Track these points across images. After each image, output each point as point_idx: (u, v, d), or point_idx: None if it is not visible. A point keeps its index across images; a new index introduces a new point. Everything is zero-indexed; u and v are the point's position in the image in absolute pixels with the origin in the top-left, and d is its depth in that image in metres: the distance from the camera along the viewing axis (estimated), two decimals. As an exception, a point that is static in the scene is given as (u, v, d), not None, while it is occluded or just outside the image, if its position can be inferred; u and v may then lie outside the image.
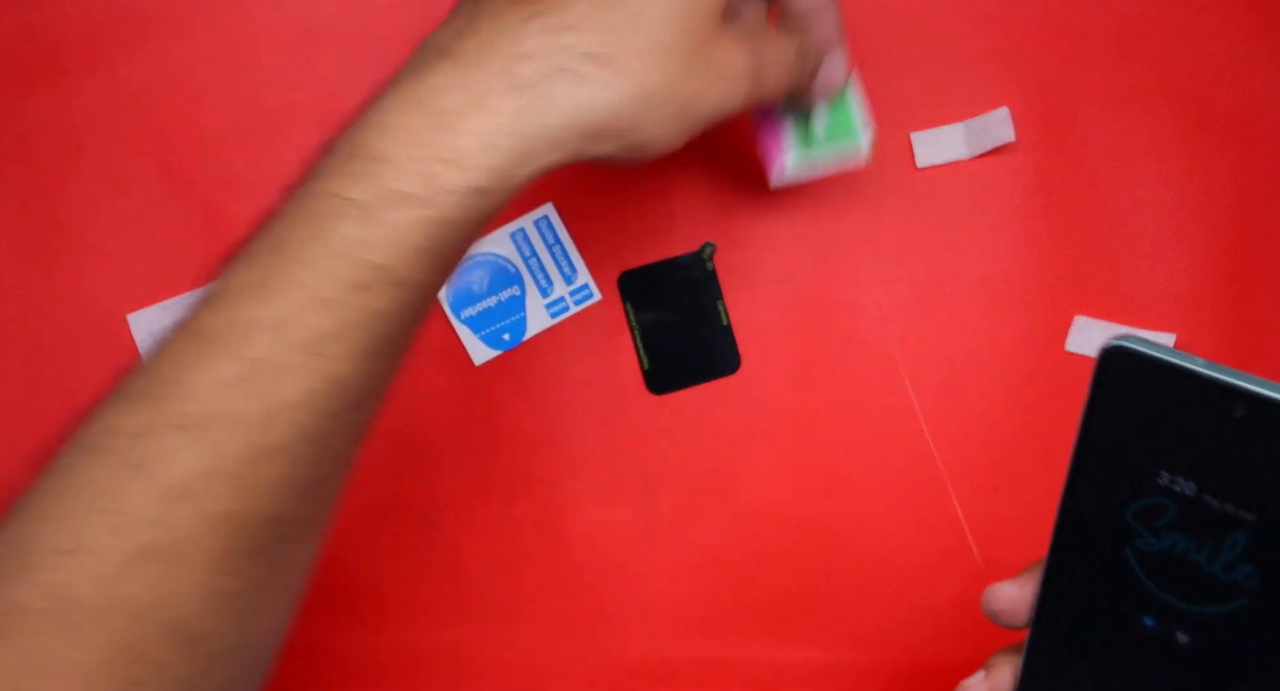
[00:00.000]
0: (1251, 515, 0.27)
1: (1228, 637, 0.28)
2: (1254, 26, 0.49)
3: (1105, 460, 0.29)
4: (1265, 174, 0.49)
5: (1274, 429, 0.26)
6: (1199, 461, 0.28)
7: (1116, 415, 0.29)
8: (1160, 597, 0.29)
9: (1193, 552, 0.28)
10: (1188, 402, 0.27)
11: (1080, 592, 0.30)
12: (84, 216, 0.50)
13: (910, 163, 0.49)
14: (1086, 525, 0.30)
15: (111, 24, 0.49)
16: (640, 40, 0.32)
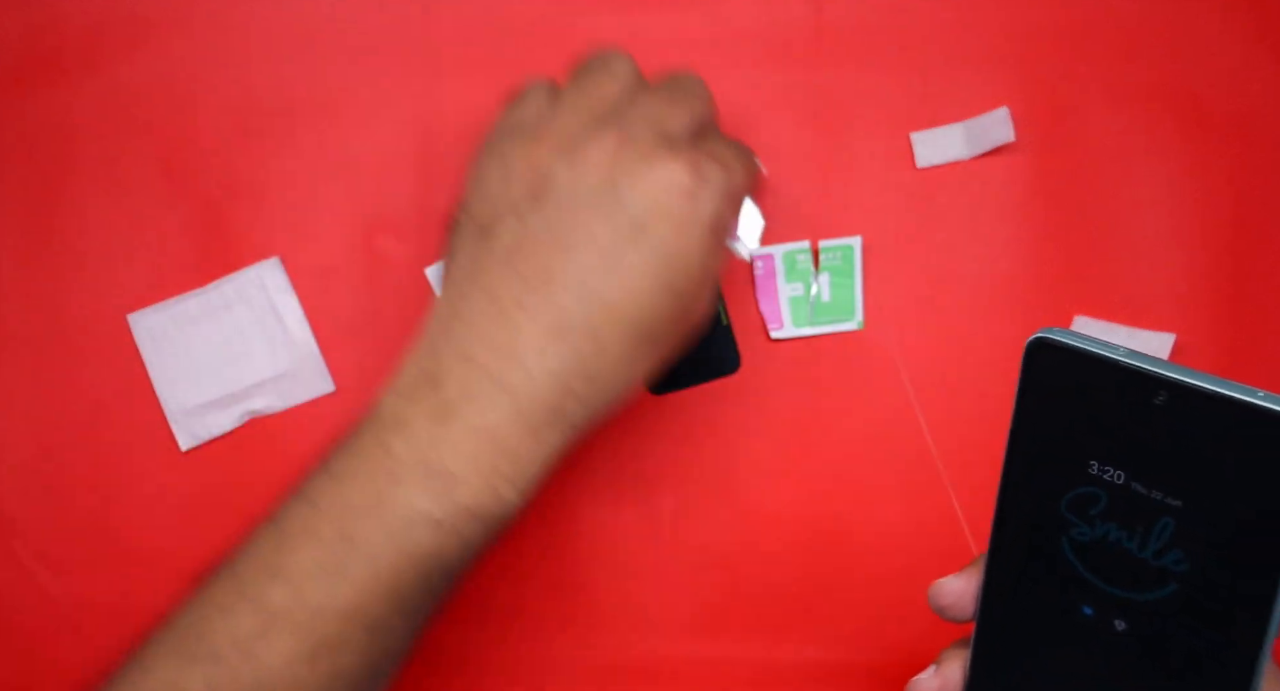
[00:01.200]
0: (1178, 502, 0.28)
1: (1163, 623, 0.29)
2: (1254, 27, 0.49)
3: (1038, 452, 0.30)
4: (1265, 174, 0.49)
5: (1194, 417, 0.27)
6: (1126, 450, 0.28)
7: (1046, 407, 0.29)
8: (1097, 586, 0.30)
9: (1124, 540, 0.29)
10: (1112, 392, 0.28)
11: (1020, 583, 0.31)
12: (84, 216, 0.50)
13: (910, 163, 0.49)
14: (1023, 517, 0.30)
15: (111, 24, 0.49)
16: (652, 360, 0.40)
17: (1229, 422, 0.27)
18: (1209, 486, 0.27)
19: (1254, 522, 0.27)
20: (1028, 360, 0.29)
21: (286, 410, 0.50)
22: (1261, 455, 0.27)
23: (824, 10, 0.49)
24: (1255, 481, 0.27)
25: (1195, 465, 0.27)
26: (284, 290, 0.49)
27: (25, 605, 0.50)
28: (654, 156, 0.38)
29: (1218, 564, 0.28)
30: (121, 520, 0.50)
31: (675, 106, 0.40)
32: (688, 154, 0.38)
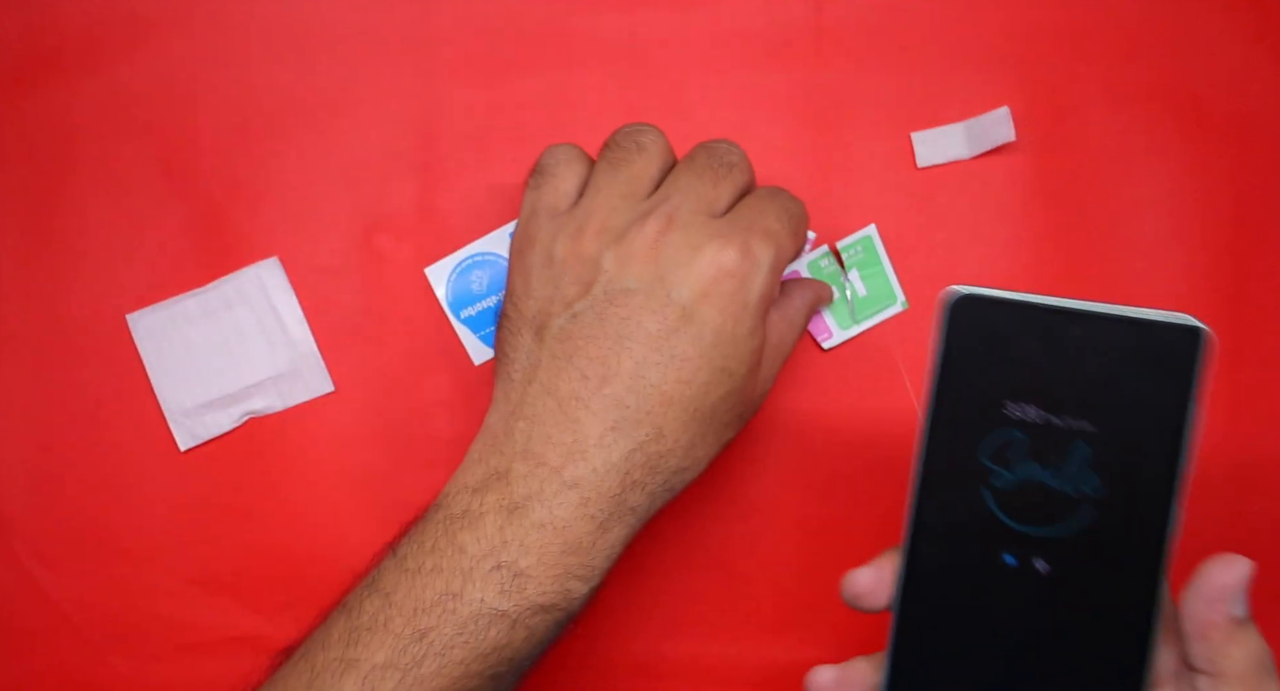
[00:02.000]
0: (1092, 425, 0.30)
1: (1084, 553, 0.31)
2: (1254, 27, 0.49)
3: (954, 405, 0.31)
4: (1265, 174, 0.49)
5: (1104, 343, 0.30)
6: (1040, 385, 0.30)
7: (961, 360, 0.31)
8: (1017, 531, 0.31)
9: (1044, 476, 0.31)
10: (1025, 333, 0.30)
11: (943, 541, 0.32)
12: (84, 216, 0.50)
13: (910, 162, 0.49)
14: (944, 473, 0.31)
15: (111, 24, 0.49)
16: (713, 442, 0.40)
17: (1131, 343, 0.30)
18: (1119, 406, 0.30)
19: (1161, 435, 0.30)
20: (948, 316, 0.31)
21: (286, 410, 0.50)
22: (1163, 368, 0.30)
23: (824, 10, 0.49)
24: (1160, 395, 0.30)
25: (1105, 388, 0.30)
26: (284, 290, 0.49)
27: (25, 605, 0.50)
28: (701, 243, 0.38)
29: (1132, 482, 0.30)
30: (121, 520, 0.50)
31: (717, 183, 0.40)
32: (735, 237, 0.38)
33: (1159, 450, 0.30)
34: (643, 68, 0.50)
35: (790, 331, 0.43)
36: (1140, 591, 0.31)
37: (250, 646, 0.49)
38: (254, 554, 0.50)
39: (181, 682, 0.49)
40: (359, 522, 0.50)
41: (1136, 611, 0.31)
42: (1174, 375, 0.30)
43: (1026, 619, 0.32)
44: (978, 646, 0.32)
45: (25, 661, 0.50)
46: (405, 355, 0.50)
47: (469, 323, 0.50)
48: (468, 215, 0.50)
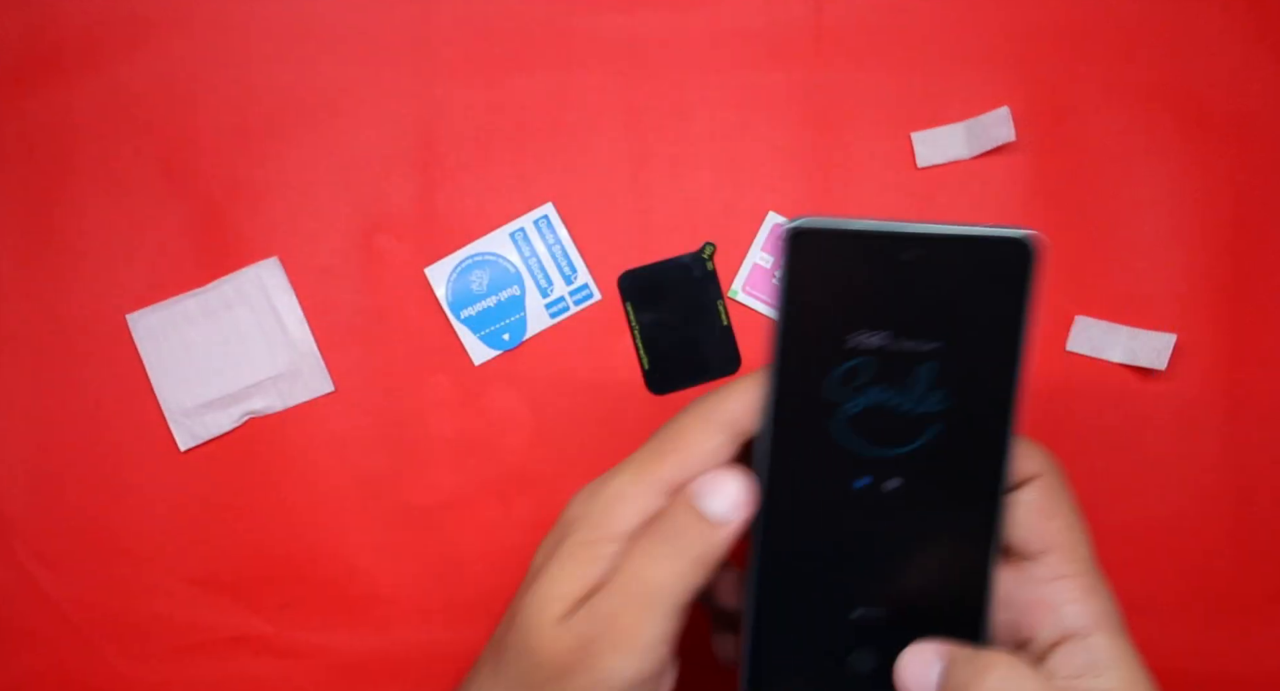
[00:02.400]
0: (937, 344, 0.31)
1: (933, 467, 0.32)
2: (1254, 27, 0.49)
3: (800, 338, 0.32)
4: (1265, 174, 0.49)
5: (946, 263, 0.31)
6: (885, 311, 0.31)
7: (804, 293, 0.31)
8: (866, 456, 0.32)
9: (891, 400, 0.32)
10: (866, 260, 0.31)
11: (796, 476, 0.32)
12: (84, 216, 0.50)
13: (910, 163, 0.49)
14: (793, 407, 0.32)
15: (111, 24, 0.49)
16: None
17: (965, 260, 0.31)
18: (960, 322, 0.31)
19: (1001, 345, 0.31)
20: (788, 249, 0.31)
21: (286, 410, 0.50)
22: (998, 281, 0.31)
23: (824, 10, 0.49)
24: (997, 307, 0.31)
25: (945, 306, 0.31)
26: (284, 290, 0.49)
27: (25, 605, 0.49)
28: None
29: (976, 394, 0.31)
30: (121, 520, 0.50)
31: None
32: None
33: (999, 360, 0.31)
34: (643, 68, 0.50)
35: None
36: (985, 495, 0.32)
37: (250, 646, 0.49)
38: (254, 554, 0.50)
39: (181, 682, 0.49)
40: (359, 522, 0.50)
41: (983, 514, 0.32)
42: (1008, 287, 0.31)
43: (882, 536, 0.33)
44: (837, 567, 0.33)
45: (25, 661, 0.50)
46: (405, 355, 0.50)
47: (469, 323, 0.50)
48: (468, 215, 0.50)
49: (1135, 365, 0.49)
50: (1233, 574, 0.50)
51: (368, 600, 0.50)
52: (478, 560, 0.50)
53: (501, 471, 0.50)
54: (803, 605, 0.33)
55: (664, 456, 0.34)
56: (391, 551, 0.50)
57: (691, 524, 0.32)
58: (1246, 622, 0.49)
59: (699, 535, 0.32)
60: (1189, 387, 0.49)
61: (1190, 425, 0.49)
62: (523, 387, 0.50)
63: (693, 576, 0.32)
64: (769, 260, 0.50)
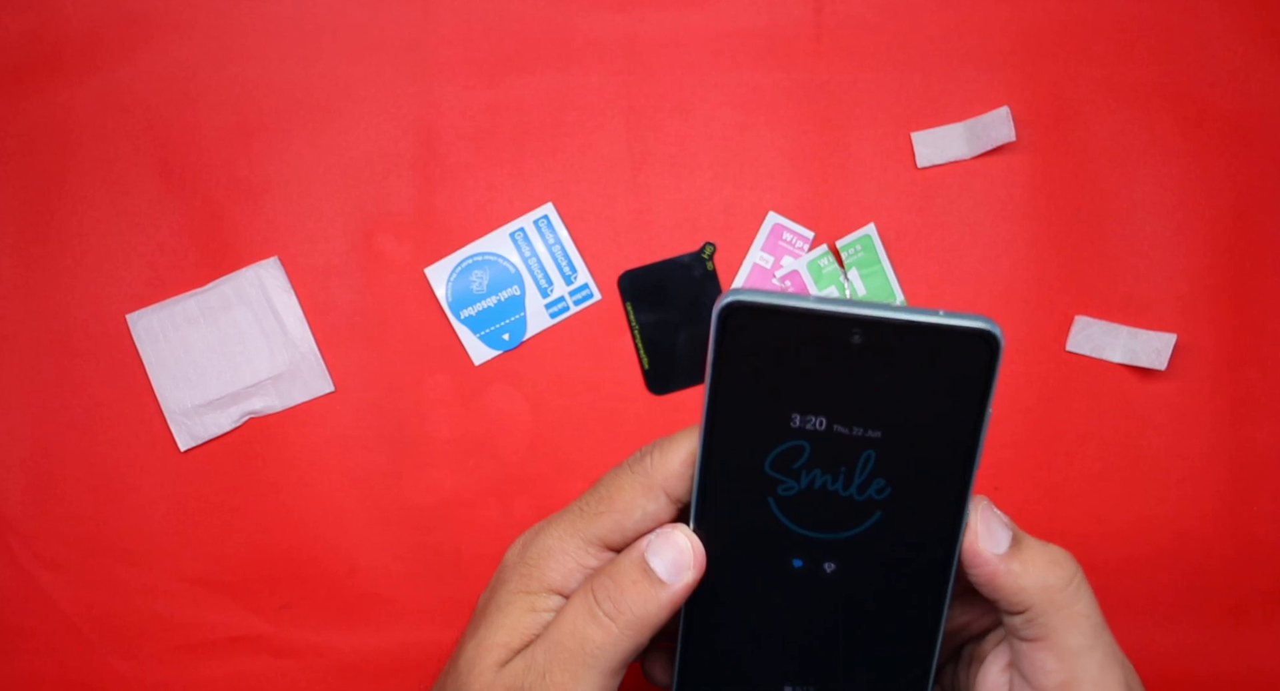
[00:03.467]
0: (878, 432, 0.29)
1: (870, 552, 0.31)
2: (1254, 27, 0.49)
3: (736, 416, 0.30)
4: (1264, 174, 0.49)
5: (888, 348, 0.28)
6: (825, 395, 0.29)
7: (741, 370, 0.30)
8: (805, 536, 0.31)
9: (830, 484, 0.30)
10: (807, 341, 0.29)
11: (730, 551, 0.31)
12: (83, 216, 0.50)
13: (910, 163, 0.49)
14: (728, 484, 0.31)
15: (111, 24, 0.49)
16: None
17: (915, 346, 0.28)
18: (905, 411, 0.29)
19: (950, 437, 0.29)
20: (719, 325, 0.29)
21: (286, 410, 0.50)
22: (951, 372, 0.28)
23: (824, 10, 0.49)
24: (949, 399, 0.29)
25: (891, 394, 0.29)
26: (283, 290, 0.49)
27: (25, 605, 0.49)
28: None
29: (919, 484, 0.30)
30: (121, 520, 0.50)
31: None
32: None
33: (948, 452, 0.30)
34: (643, 68, 0.50)
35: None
36: (929, 584, 0.31)
37: (250, 646, 0.49)
38: (254, 554, 0.50)
39: (181, 683, 0.49)
40: (359, 522, 0.50)
41: (927, 602, 0.31)
42: (965, 380, 0.29)
43: (817, 617, 0.32)
44: (769, 644, 0.32)
45: (25, 661, 0.49)
46: (405, 355, 0.50)
47: (469, 323, 0.50)
48: (468, 215, 0.50)
49: (1135, 365, 0.49)
50: (1233, 574, 0.50)
51: (368, 600, 0.50)
52: (478, 560, 0.50)
53: (501, 471, 0.50)
54: (731, 679, 0.32)
55: (599, 515, 0.33)
56: (391, 551, 0.50)
57: (637, 582, 0.31)
58: (1246, 622, 0.49)
59: (641, 595, 0.31)
60: (1189, 387, 0.49)
61: (1190, 425, 0.49)
62: (523, 387, 0.50)
63: (632, 638, 0.31)
64: (769, 260, 0.50)
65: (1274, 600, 0.49)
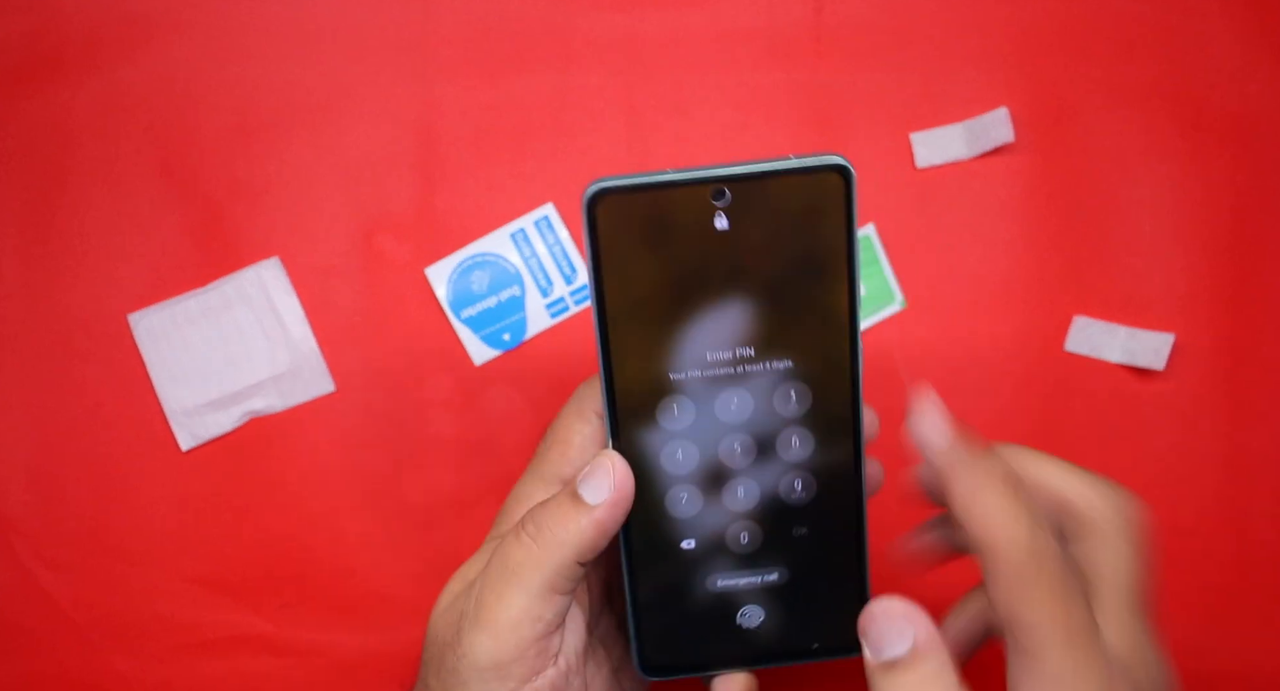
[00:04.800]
0: (765, 300, 0.30)
1: (779, 430, 0.32)
2: (1253, 27, 0.49)
3: (625, 311, 0.30)
4: (1265, 174, 0.49)
5: (752, 206, 0.29)
6: (702, 269, 0.30)
7: (618, 259, 0.30)
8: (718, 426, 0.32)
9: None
10: (676, 215, 0.29)
11: (645, 462, 0.32)
12: (84, 216, 0.50)
13: (910, 163, 0.49)
14: (631, 390, 0.31)
15: (111, 24, 0.49)
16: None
17: (777, 198, 0.29)
18: (783, 269, 0.30)
19: (825, 283, 0.30)
20: (590, 216, 0.31)
21: (287, 410, 0.50)
22: (812, 214, 0.29)
23: (824, 10, 0.49)
24: (815, 242, 0.30)
25: (766, 254, 0.30)
26: (284, 290, 0.49)
27: (25, 605, 0.50)
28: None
29: (811, 339, 0.30)
30: (121, 520, 0.50)
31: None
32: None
33: (831, 299, 0.30)
34: (643, 68, 0.50)
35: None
36: (841, 456, 0.32)
37: (250, 646, 0.50)
38: (254, 554, 0.50)
39: (181, 682, 0.49)
40: (359, 522, 0.50)
41: (844, 478, 0.32)
42: (828, 217, 0.29)
43: (743, 517, 0.33)
44: (706, 553, 0.33)
45: (25, 661, 0.50)
46: (405, 355, 0.50)
47: (469, 323, 0.50)
48: (468, 215, 0.50)
49: (1134, 365, 0.49)
50: (1233, 574, 0.50)
51: (368, 600, 0.50)
52: (478, 560, 0.50)
53: (501, 471, 0.50)
54: (676, 577, 0.33)
55: (548, 451, 0.35)
56: (391, 551, 0.50)
57: (560, 504, 0.32)
58: (1246, 622, 0.49)
59: (563, 516, 0.32)
60: (1188, 387, 0.49)
61: (1190, 425, 0.49)
62: (523, 387, 0.50)
63: (552, 556, 0.32)
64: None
65: (1274, 600, 0.49)
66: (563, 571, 0.32)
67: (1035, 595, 0.28)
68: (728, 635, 0.34)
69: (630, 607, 0.34)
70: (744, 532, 0.33)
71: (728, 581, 0.33)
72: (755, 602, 0.33)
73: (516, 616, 0.32)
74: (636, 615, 0.34)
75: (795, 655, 0.34)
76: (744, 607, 0.33)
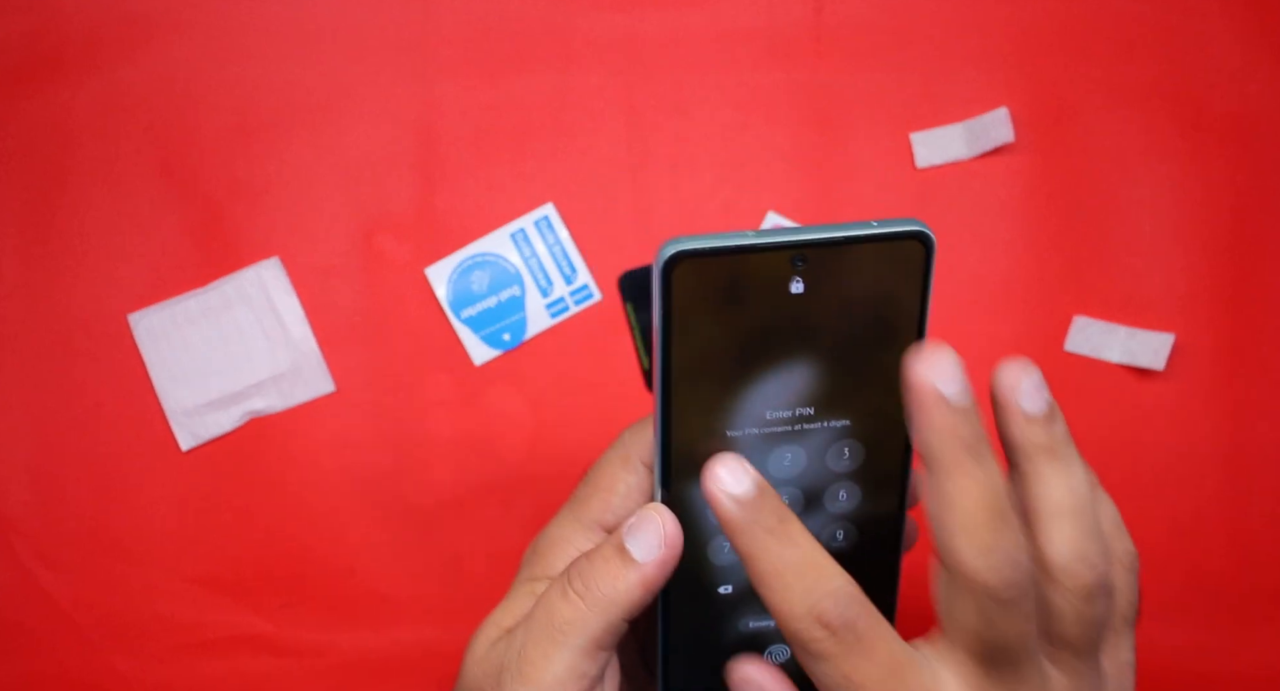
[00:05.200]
0: (833, 363, 0.30)
1: (833, 492, 0.31)
2: (1253, 27, 0.49)
3: (691, 371, 0.30)
4: (1265, 174, 0.49)
5: (830, 272, 0.29)
6: (776, 334, 0.29)
7: (690, 321, 0.29)
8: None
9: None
10: (752, 279, 0.29)
11: (697, 520, 0.31)
12: (84, 217, 0.50)
13: (910, 163, 0.49)
14: (687, 448, 0.31)
15: (111, 24, 0.49)
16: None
17: (856, 263, 0.28)
18: (854, 332, 0.29)
19: (896, 346, 0.29)
20: (665, 279, 0.29)
21: (287, 410, 0.50)
22: (888, 280, 0.29)
23: (824, 10, 0.49)
24: (889, 308, 0.29)
25: (839, 319, 0.29)
26: (284, 290, 0.49)
27: (26, 605, 0.50)
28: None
29: (877, 407, 0.30)
30: (122, 520, 0.50)
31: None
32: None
33: (898, 362, 0.29)
34: (643, 68, 0.50)
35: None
36: (886, 522, 0.32)
37: (250, 646, 0.50)
38: (254, 553, 0.50)
39: (181, 682, 0.49)
40: (359, 522, 0.50)
41: (884, 541, 0.32)
42: (904, 284, 0.29)
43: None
44: (745, 611, 0.33)
45: (26, 661, 0.50)
46: (405, 355, 0.50)
47: (469, 323, 0.50)
48: (468, 215, 0.50)
49: (1134, 365, 0.49)
50: (1233, 574, 0.50)
51: (368, 600, 0.50)
52: (478, 560, 0.50)
53: (501, 471, 0.50)
54: (710, 620, 0.33)
55: (589, 498, 0.34)
56: (391, 551, 0.50)
57: (608, 560, 0.31)
58: (1246, 622, 0.49)
59: (611, 573, 0.31)
60: (1188, 387, 0.49)
61: (1190, 425, 0.49)
62: (523, 387, 0.50)
63: (600, 615, 0.31)
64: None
65: (1274, 600, 0.49)
66: (610, 629, 0.31)
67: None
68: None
69: (661, 647, 0.33)
70: None
71: (760, 623, 0.33)
72: (783, 641, 0.33)
73: (562, 674, 0.31)
74: (667, 653, 0.33)
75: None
76: (772, 646, 0.33)
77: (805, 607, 0.28)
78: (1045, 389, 0.29)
